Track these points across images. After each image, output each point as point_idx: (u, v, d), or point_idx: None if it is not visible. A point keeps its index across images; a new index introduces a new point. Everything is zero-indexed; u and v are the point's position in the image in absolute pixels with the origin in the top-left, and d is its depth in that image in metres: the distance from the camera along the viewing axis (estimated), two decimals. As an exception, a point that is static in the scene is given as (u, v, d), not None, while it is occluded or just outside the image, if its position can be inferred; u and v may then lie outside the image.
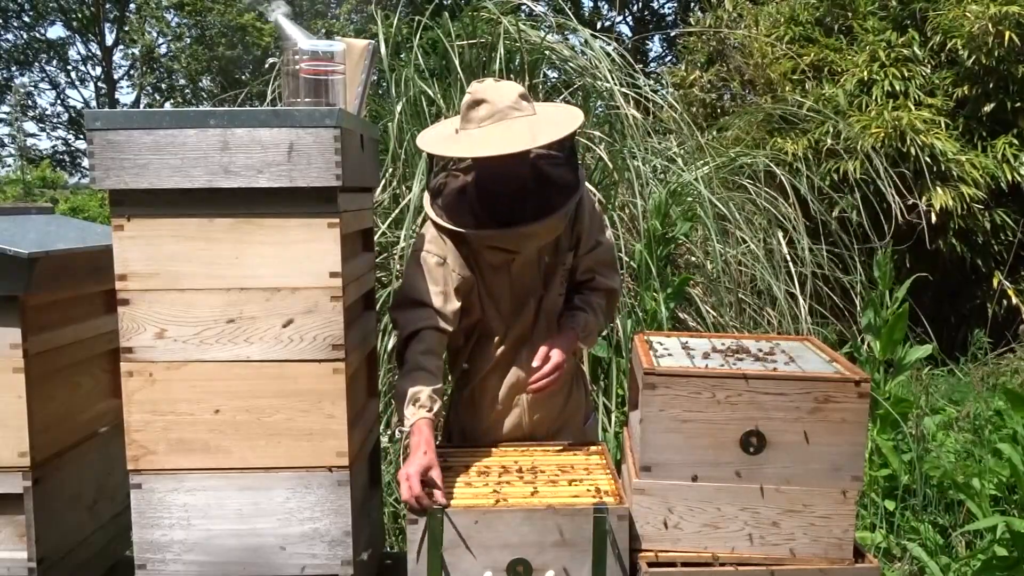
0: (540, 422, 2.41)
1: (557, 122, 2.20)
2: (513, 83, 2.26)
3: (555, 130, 2.16)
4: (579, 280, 2.41)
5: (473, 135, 2.17)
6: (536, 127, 2.15)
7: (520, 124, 2.15)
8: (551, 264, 2.34)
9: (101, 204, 11.08)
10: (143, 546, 1.85)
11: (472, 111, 2.18)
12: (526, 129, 2.13)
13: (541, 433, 2.42)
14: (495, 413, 2.38)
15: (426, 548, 1.82)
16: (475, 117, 2.18)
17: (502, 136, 2.12)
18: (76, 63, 22.36)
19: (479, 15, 4.87)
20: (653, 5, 15.81)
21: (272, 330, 1.82)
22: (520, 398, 2.38)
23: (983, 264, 7.17)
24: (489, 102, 2.16)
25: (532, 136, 2.12)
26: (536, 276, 2.33)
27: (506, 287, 2.32)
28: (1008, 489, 3.53)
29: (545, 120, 2.19)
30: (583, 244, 2.36)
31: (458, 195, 2.28)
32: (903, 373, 4.08)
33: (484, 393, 2.38)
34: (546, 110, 2.28)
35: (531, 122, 2.16)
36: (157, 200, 1.79)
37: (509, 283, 2.32)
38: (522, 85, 2.52)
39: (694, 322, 4.43)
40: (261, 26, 13.64)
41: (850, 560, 1.87)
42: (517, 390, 2.37)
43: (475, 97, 2.18)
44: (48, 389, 2.06)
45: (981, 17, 6.93)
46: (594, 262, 2.39)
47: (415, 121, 4.44)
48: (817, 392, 1.84)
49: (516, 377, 2.35)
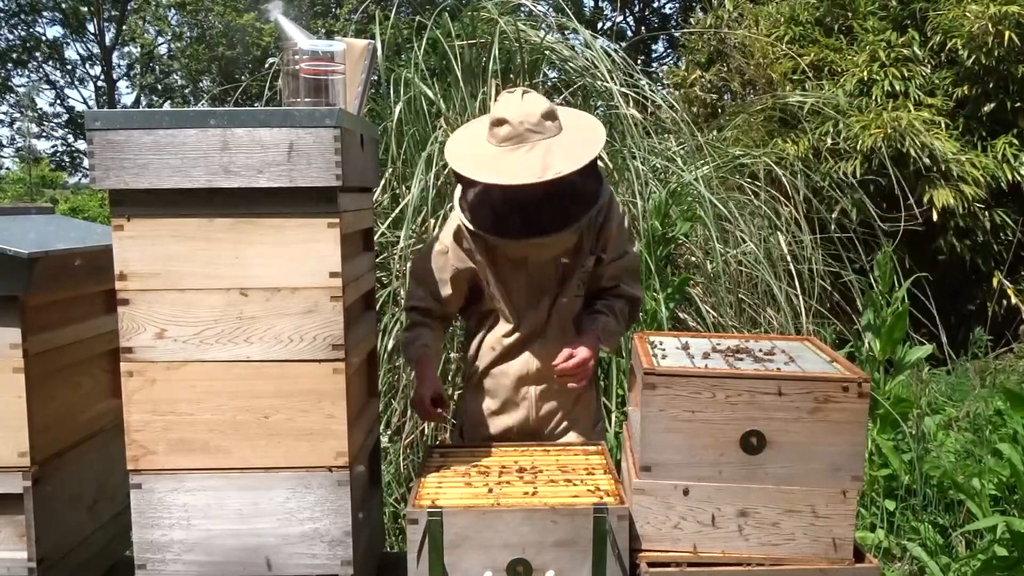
0: (547, 417, 2.44)
1: (572, 151, 2.23)
2: (540, 99, 2.29)
3: (567, 162, 2.19)
4: (604, 287, 2.47)
5: (490, 154, 2.25)
6: (550, 156, 2.19)
7: (536, 153, 2.20)
8: (569, 266, 2.39)
9: (101, 204, 11.09)
10: (143, 546, 1.85)
11: (496, 127, 2.26)
12: (539, 160, 2.19)
13: (548, 428, 2.45)
14: (503, 403, 2.43)
15: (426, 548, 1.82)
16: (497, 134, 2.26)
17: (513, 165, 2.19)
18: (75, 63, 22.39)
19: (479, 15, 4.87)
20: (654, 5, 15.81)
21: (272, 330, 1.82)
22: (528, 391, 2.43)
23: (983, 264, 7.17)
24: (510, 123, 2.22)
25: (543, 168, 2.17)
26: (552, 276, 2.39)
27: (522, 281, 2.39)
28: (1008, 489, 3.53)
29: (564, 145, 2.23)
30: (610, 251, 2.42)
31: (483, 193, 2.34)
32: (903, 373, 4.08)
33: (493, 381, 2.44)
34: (571, 130, 2.31)
35: (548, 147, 2.21)
36: (157, 200, 1.79)
37: (526, 278, 2.39)
38: (522, 85, 2.54)
39: (694, 322, 4.42)
40: (261, 26, 13.64)
41: (850, 560, 1.87)
42: (525, 382, 2.42)
43: (499, 115, 2.25)
44: (48, 389, 2.06)
45: (981, 17, 6.93)
46: (620, 270, 2.45)
47: (415, 121, 4.44)
48: (817, 392, 1.84)
49: (525, 370, 2.41)
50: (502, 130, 2.24)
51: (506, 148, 2.23)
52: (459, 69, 4.45)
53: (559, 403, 2.45)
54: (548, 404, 2.44)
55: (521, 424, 2.43)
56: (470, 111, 4.35)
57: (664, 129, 5.31)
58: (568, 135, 2.27)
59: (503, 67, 4.44)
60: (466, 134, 2.43)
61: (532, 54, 4.78)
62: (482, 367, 2.46)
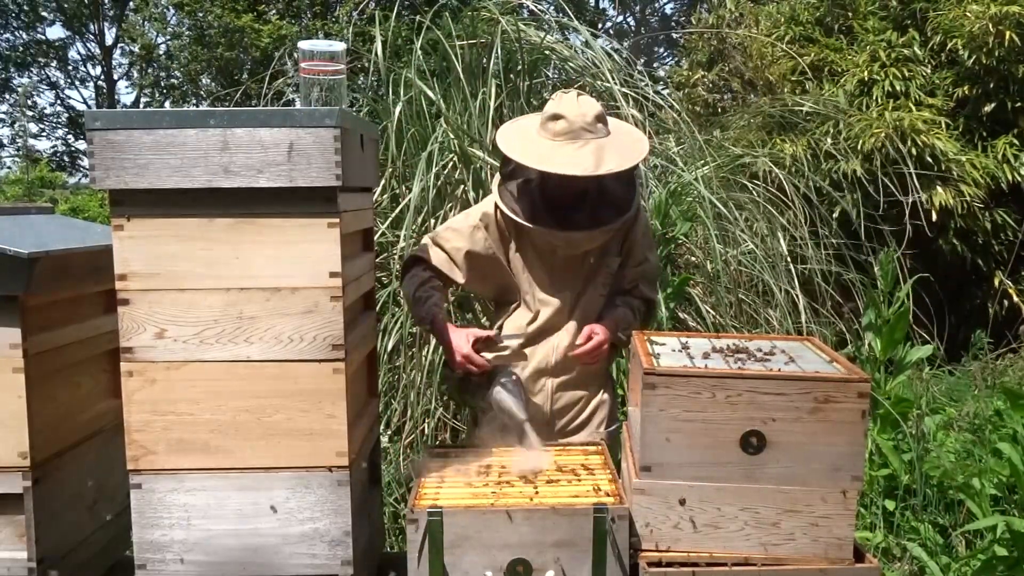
0: (564, 410, 2.49)
1: (623, 152, 2.35)
2: (593, 102, 2.39)
3: (619, 161, 2.32)
4: (625, 289, 2.54)
5: (545, 146, 2.34)
6: (602, 153, 2.31)
7: (589, 149, 2.30)
8: (595, 265, 2.47)
9: (101, 204, 11.07)
10: (143, 546, 1.85)
11: (551, 122, 2.35)
12: (591, 155, 2.30)
13: (562, 421, 2.49)
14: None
15: (426, 548, 1.82)
16: (551, 128, 2.35)
17: (569, 157, 2.30)
18: (76, 63, 22.39)
19: (479, 15, 4.87)
20: (655, 5, 15.81)
21: (272, 330, 1.82)
22: (546, 383, 2.48)
23: (984, 264, 7.17)
24: (567, 119, 2.32)
25: (596, 163, 2.29)
26: (578, 272, 2.47)
27: (547, 272, 2.46)
28: (1008, 489, 3.53)
29: (615, 146, 2.35)
30: (633, 257, 2.52)
31: (525, 184, 2.45)
32: (903, 373, 4.08)
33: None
34: (619, 134, 2.43)
35: (600, 146, 2.32)
36: (157, 200, 1.79)
37: (551, 269, 2.46)
38: (523, 85, 2.56)
39: (694, 322, 4.42)
40: (260, 27, 13.61)
41: (850, 560, 1.87)
42: (543, 374, 2.48)
43: (555, 111, 2.35)
44: (48, 389, 2.06)
45: (981, 17, 6.93)
46: (640, 275, 2.54)
47: (415, 121, 4.44)
48: (817, 392, 1.84)
49: (545, 362, 2.47)
50: (558, 125, 2.33)
51: (561, 142, 2.32)
52: (459, 69, 4.45)
53: (576, 398, 2.51)
54: (565, 398, 2.49)
55: (536, 413, 2.44)
56: (470, 111, 4.35)
57: (664, 129, 5.31)
58: (617, 138, 2.38)
59: (504, 67, 4.44)
60: (516, 127, 2.52)
61: (532, 54, 4.78)
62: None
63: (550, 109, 2.37)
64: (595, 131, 2.33)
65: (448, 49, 4.52)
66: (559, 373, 2.47)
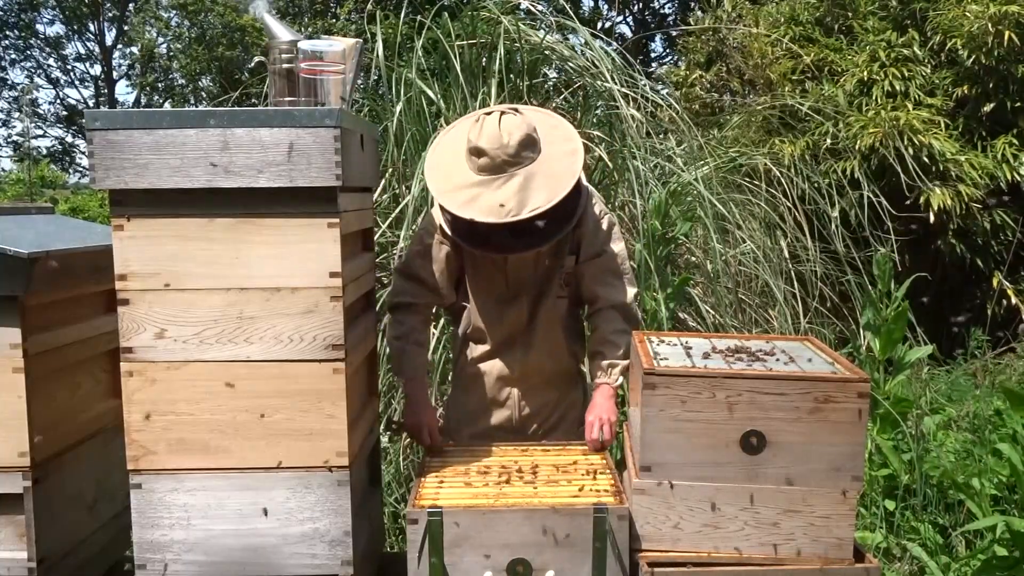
0: (531, 417, 2.46)
1: (553, 179, 2.21)
2: (519, 123, 2.23)
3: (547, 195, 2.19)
4: (587, 300, 2.44)
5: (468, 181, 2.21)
6: (528, 189, 2.18)
7: (513, 185, 2.18)
8: (550, 267, 2.39)
9: (101, 204, 11.07)
10: (143, 546, 1.85)
11: (473, 156, 2.22)
12: (515, 196, 2.17)
13: (532, 428, 2.46)
14: (487, 401, 2.45)
15: (426, 548, 1.82)
16: (475, 162, 2.22)
17: (490, 199, 2.17)
18: (75, 62, 22.35)
19: (479, 15, 4.87)
20: (654, 5, 15.80)
21: (272, 330, 1.82)
22: (511, 392, 2.44)
23: (983, 264, 7.17)
24: (488, 155, 2.19)
25: (519, 204, 2.16)
26: (532, 275, 2.39)
27: (501, 277, 2.39)
28: (1008, 489, 3.53)
29: (544, 173, 2.21)
30: (583, 251, 2.38)
31: None
32: (903, 373, 4.08)
33: (476, 379, 2.45)
34: (550, 149, 2.27)
35: (527, 178, 2.18)
36: (157, 200, 1.79)
37: (504, 275, 2.38)
38: (522, 85, 2.54)
39: (694, 322, 4.42)
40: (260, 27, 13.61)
41: (850, 560, 1.87)
42: (506, 383, 2.43)
43: (476, 144, 2.21)
44: (48, 389, 2.06)
45: (981, 17, 6.92)
46: (598, 270, 2.40)
47: (415, 121, 4.44)
48: (817, 392, 1.84)
49: (508, 371, 2.42)
50: (480, 160, 2.21)
51: (484, 177, 2.20)
52: (459, 69, 4.45)
53: (543, 404, 2.46)
54: (531, 405, 2.45)
55: (505, 423, 2.44)
56: (470, 111, 4.35)
57: (664, 129, 5.31)
58: (547, 161, 2.24)
59: (503, 67, 4.44)
60: (449, 149, 2.36)
61: (532, 54, 4.78)
62: (466, 364, 2.48)
63: (472, 140, 2.23)
64: (520, 160, 2.19)
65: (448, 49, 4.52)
66: (522, 381, 2.43)
